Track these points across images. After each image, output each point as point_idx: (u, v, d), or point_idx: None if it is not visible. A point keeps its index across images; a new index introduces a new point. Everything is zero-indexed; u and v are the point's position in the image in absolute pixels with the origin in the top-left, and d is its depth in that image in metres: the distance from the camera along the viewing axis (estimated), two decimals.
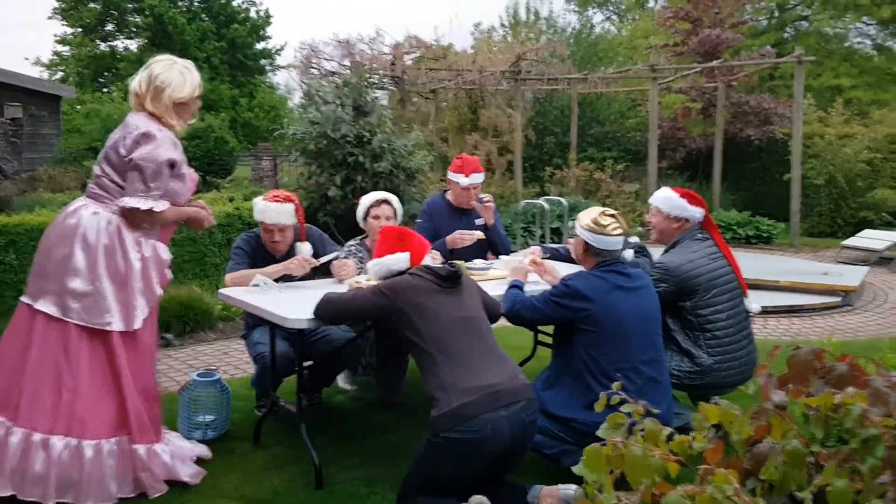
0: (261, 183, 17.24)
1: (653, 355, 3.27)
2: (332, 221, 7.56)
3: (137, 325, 3.10)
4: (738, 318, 3.82)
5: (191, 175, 3.33)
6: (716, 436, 1.55)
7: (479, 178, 4.59)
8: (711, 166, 13.32)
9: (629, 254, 3.39)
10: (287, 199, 3.93)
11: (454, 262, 3.24)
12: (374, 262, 3.19)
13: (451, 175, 4.61)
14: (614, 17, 31.52)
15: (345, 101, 7.88)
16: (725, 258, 3.90)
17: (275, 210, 3.88)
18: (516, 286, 3.53)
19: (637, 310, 3.24)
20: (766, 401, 1.57)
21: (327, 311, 3.12)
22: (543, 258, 4.52)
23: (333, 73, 11.86)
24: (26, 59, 43.60)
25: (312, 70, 12.12)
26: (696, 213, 3.92)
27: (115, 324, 3.05)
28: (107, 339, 3.07)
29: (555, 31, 18.80)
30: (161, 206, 3.09)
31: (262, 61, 31.93)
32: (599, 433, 1.73)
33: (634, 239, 4.40)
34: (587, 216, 3.32)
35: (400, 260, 3.13)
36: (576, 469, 1.53)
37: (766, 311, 6.64)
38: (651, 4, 28.33)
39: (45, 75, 28.96)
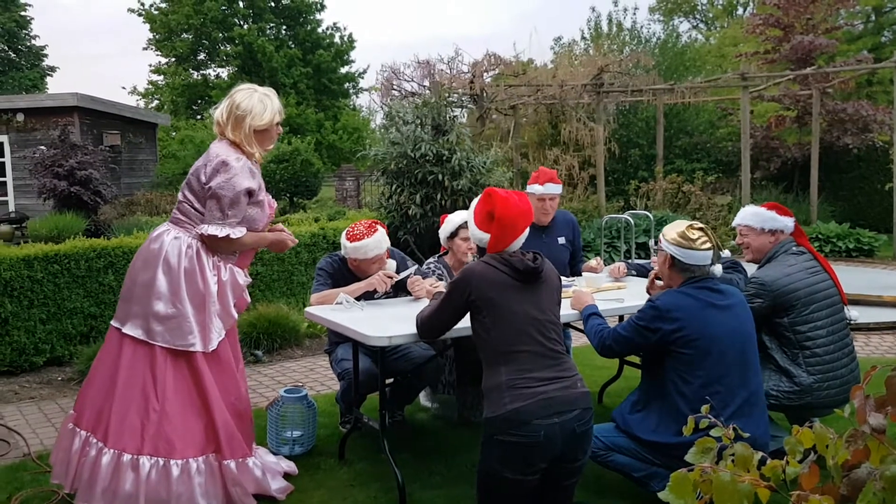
0: (344, 203, 17.64)
1: (748, 376, 3.10)
2: (413, 240, 7.64)
3: (213, 346, 3.18)
4: (839, 335, 3.62)
5: (269, 201, 3.39)
6: (810, 460, 1.46)
7: (554, 188, 4.51)
8: (808, 177, 12.76)
9: (718, 269, 3.23)
10: (373, 228, 3.97)
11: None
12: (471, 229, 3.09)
13: (528, 188, 4.58)
14: (701, 25, 30.81)
15: (424, 121, 7.97)
16: (825, 272, 3.70)
17: (368, 246, 3.91)
18: (594, 313, 3.39)
19: (731, 328, 3.07)
20: (863, 424, 1.47)
21: (425, 329, 3.10)
22: (627, 274, 4.45)
23: (414, 94, 12.03)
24: (123, 88, 46.39)
25: (393, 92, 12.33)
26: (788, 222, 3.78)
27: (197, 345, 3.15)
28: (191, 359, 3.16)
29: (639, 42, 18.48)
30: (237, 232, 3.16)
31: (346, 85, 32.77)
32: (688, 458, 1.67)
33: (726, 253, 4.25)
34: (673, 230, 3.16)
35: (482, 239, 2.99)
36: (662, 495, 1.47)
37: (869, 328, 6.41)
38: (740, 12, 27.56)
39: (142, 104, 30.60)
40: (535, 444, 2.63)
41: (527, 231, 2.99)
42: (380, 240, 3.94)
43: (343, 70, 32.09)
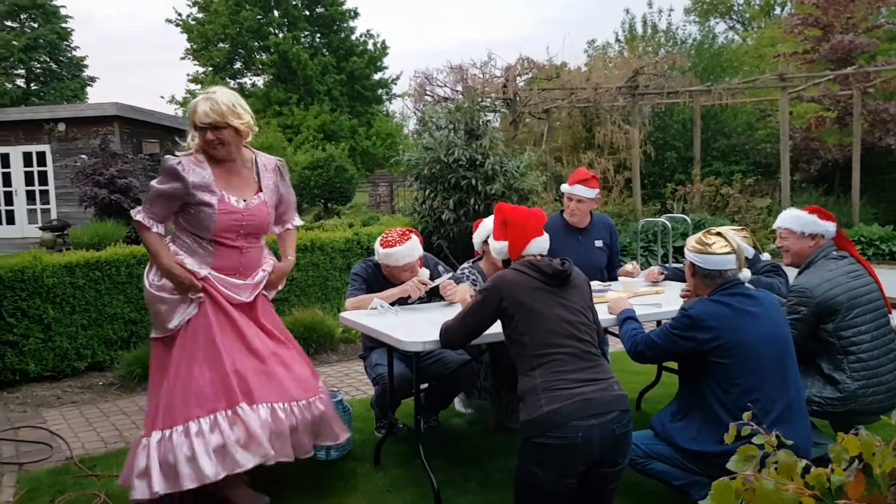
0: (378, 208, 17.73)
1: (788, 382, 3.02)
2: (446, 244, 7.64)
3: (172, 325, 3.33)
4: (884, 340, 3.52)
5: (230, 206, 3.32)
6: (856, 468, 1.42)
7: (583, 191, 4.44)
8: (849, 178, 12.48)
9: (746, 274, 3.16)
10: (410, 233, 3.98)
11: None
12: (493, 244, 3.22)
13: (562, 186, 4.56)
14: (738, 26, 30.39)
15: (457, 126, 7.98)
16: (868, 275, 3.61)
17: (402, 253, 3.94)
18: (630, 317, 3.35)
19: (767, 334, 3.00)
20: None
21: (449, 338, 3.10)
22: (663, 278, 4.38)
23: (447, 99, 12.05)
24: (162, 97, 47.21)
25: (426, 97, 12.36)
26: (829, 227, 3.70)
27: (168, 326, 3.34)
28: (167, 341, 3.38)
29: (674, 44, 18.29)
30: (147, 221, 3.29)
31: (379, 91, 32.98)
32: (729, 466, 1.63)
33: (766, 256, 4.17)
34: (693, 238, 3.15)
35: (501, 250, 3.10)
36: (703, 503, 1.43)
37: None
38: (777, 12, 27.13)
39: (179, 112, 31.13)
40: (572, 446, 2.60)
41: (546, 237, 3.07)
42: (411, 248, 3.94)
43: (376, 76, 32.32)
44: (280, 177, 3.55)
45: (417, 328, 3.35)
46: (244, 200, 3.36)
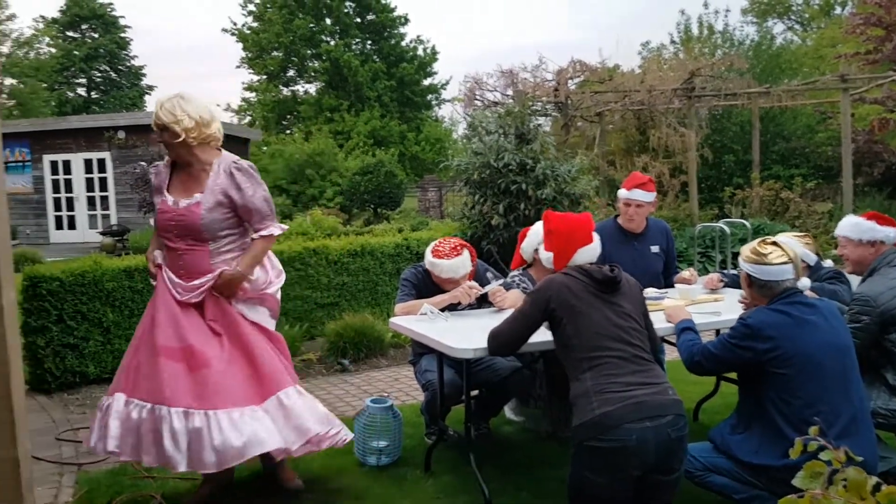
0: (427, 213, 17.79)
1: (851, 393, 2.89)
2: (496, 249, 7.58)
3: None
4: None
5: (166, 206, 3.41)
6: None
7: (642, 195, 4.32)
8: None
9: (805, 282, 3.05)
10: (462, 247, 3.95)
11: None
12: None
13: (618, 192, 4.46)
14: (797, 26, 29.60)
15: (507, 130, 7.92)
16: None
17: (452, 267, 3.92)
18: (688, 328, 3.26)
19: (828, 343, 2.88)
20: None
21: (496, 345, 3.07)
22: (723, 284, 4.25)
23: (496, 104, 12.00)
24: (218, 105, 48.33)
25: (476, 101, 12.33)
26: (890, 232, 3.60)
27: None
28: None
29: (731, 45, 17.90)
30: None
31: (429, 96, 33.14)
32: (796, 482, 1.56)
33: (829, 263, 4.03)
34: (747, 247, 3.05)
35: (549, 260, 3.15)
36: None
37: None
38: (837, 11, 26.34)
39: (235, 120, 31.81)
40: (625, 449, 2.55)
41: (596, 244, 3.09)
42: (459, 264, 3.91)
43: (426, 82, 32.49)
44: (231, 180, 3.40)
45: (467, 334, 3.31)
46: (180, 201, 3.38)
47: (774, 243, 3.00)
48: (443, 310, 3.83)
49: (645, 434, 2.54)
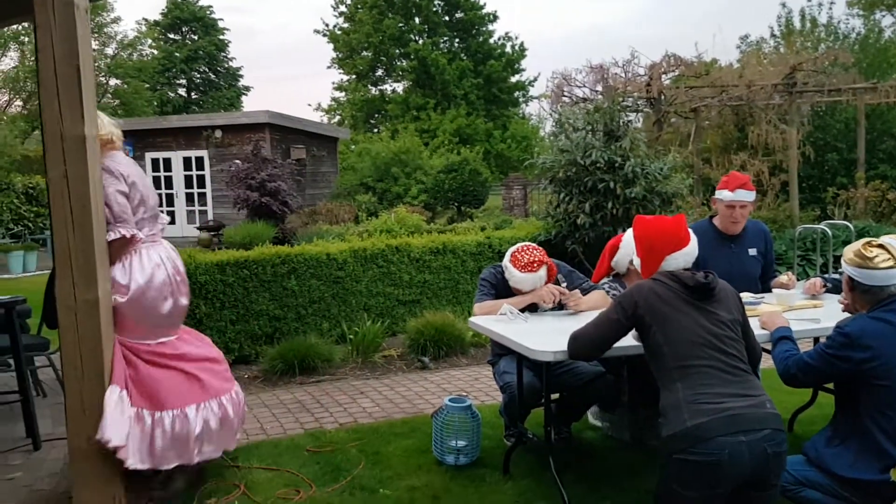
0: (511, 212, 17.66)
1: None
2: (581, 250, 7.41)
3: None
4: None
5: None
6: None
7: (746, 195, 4.12)
8: None
9: None
10: (540, 265, 3.85)
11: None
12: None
13: (716, 193, 4.23)
14: None
15: (595, 127, 7.73)
16: None
17: (531, 281, 3.83)
18: (786, 337, 3.08)
19: None
20: None
21: (577, 348, 2.97)
22: (824, 290, 4.00)
23: (585, 100, 11.76)
24: (309, 105, 49.71)
25: (564, 98, 12.11)
26: None
27: None
28: None
29: (835, 39, 16.98)
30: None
31: (516, 93, 32.94)
32: None
33: None
34: (851, 249, 2.85)
35: (638, 264, 3.21)
36: None
37: None
38: None
39: (325, 119, 32.51)
40: (718, 463, 2.42)
41: (691, 248, 3.08)
42: (531, 279, 3.83)
43: (513, 79, 32.29)
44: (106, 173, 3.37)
45: (548, 337, 3.21)
46: None
47: (881, 246, 2.81)
48: (522, 310, 3.75)
49: (739, 448, 2.42)
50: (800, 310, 3.66)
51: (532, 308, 3.85)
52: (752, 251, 4.22)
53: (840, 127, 13.17)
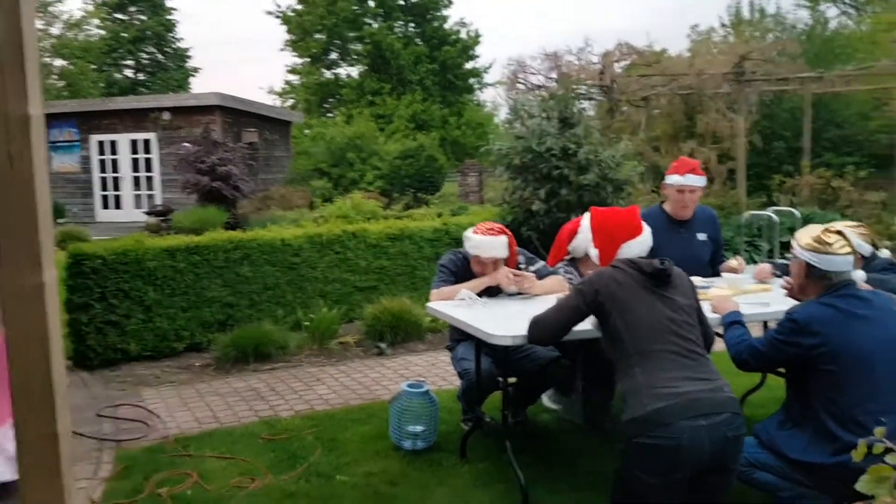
0: (466, 199, 17.66)
1: None
2: (536, 236, 7.46)
3: None
4: None
5: None
6: None
7: (696, 180, 4.18)
8: None
9: (861, 274, 2.90)
10: (501, 232, 3.87)
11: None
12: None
13: (666, 179, 4.30)
14: (851, 11, 28.59)
15: (550, 114, 7.77)
16: None
17: (488, 244, 3.83)
18: (737, 322, 3.13)
19: (881, 339, 2.73)
20: None
21: (537, 332, 2.98)
22: (773, 276, 4.10)
23: (540, 87, 11.81)
24: (260, 88, 48.78)
25: (519, 85, 12.15)
26: None
27: None
28: None
29: (783, 29, 17.36)
30: None
31: (471, 80, 32.88)
32: (860, 488, 1.47)
33: (885, 254, 3.85)
34: (807, 234, 2.87)
35: (595, 257, 3.18)
36: None
37: None
38: None
39: (277, 103, 31.96)
40: (678, 447, 2.44)
41: (645, 237, 3.15)
42: (495, 243, 3.82)
43: (468, 65, 32.21)
44: None
45: (506, 321, 3.23)
46: None
47: (839, 232, 2.84)
48: (480, 295, 3.76)
49: (699, 432, 2.44)
50: (750, 294, 3.75)
51: (490, 293, 3.86)
52: (702, 236, 4.30)
53: (786, 116, 13.49)
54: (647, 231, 3.29)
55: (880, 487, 1.46)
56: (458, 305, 3.66)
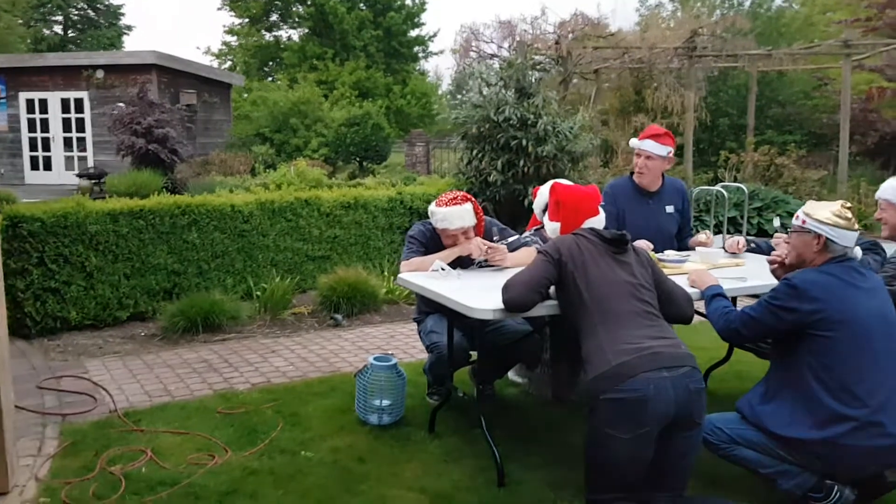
0: (413, 169, 17.46)
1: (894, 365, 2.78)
2: (492, 207, 7.37)
3: None
4: None
5: None
6: None
7: (653, 146, 4.05)
8: None
9: (858, 251, 2.92)
10: (465, 200, 3.74)
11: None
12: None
13: (630, 141, 4.26)
14: None
15: (508, 83, 7.65)
16: None
17: (456, 214, 3.70)
18: (719, 294, 3.10)
19: (876, 311, 2.76)
20: None
21: (511, 295, 2.89)
22: (745, 250, 4.10)
23: (493, 56, 11.65)
24: (197, 48, 46.92)
25: (472, 53, 11.96)
26: None
27: None
28: None
29: (730, 6, 17.61)
30: None
31: (416, 48, 32.47)
32: None
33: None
34: (825, 209, 2.85)
35: (555, 230, 3.23)
36: None
37: None
38: None
39: (215, 64, 30.90)
40: (644, 399, 2.48)
41: (601, 218, 3.14)
42: (461, 212, 3.69)
43: (413, 33, 31.77)
44: None
45: (484, 293, 3.12)
46: None
47: (850, 208, 2.86)
48: (454, 266, 3.64)
49: (664, 384, 2.51)
50: (724, 268, 3.73)
51: (462, 264, 3.74)
52: (670, 208, 4.25)
53: (732, 93, 13.74)
54: (602, 213, 3.25)
55: None
56: (431, 277, 3.53)
